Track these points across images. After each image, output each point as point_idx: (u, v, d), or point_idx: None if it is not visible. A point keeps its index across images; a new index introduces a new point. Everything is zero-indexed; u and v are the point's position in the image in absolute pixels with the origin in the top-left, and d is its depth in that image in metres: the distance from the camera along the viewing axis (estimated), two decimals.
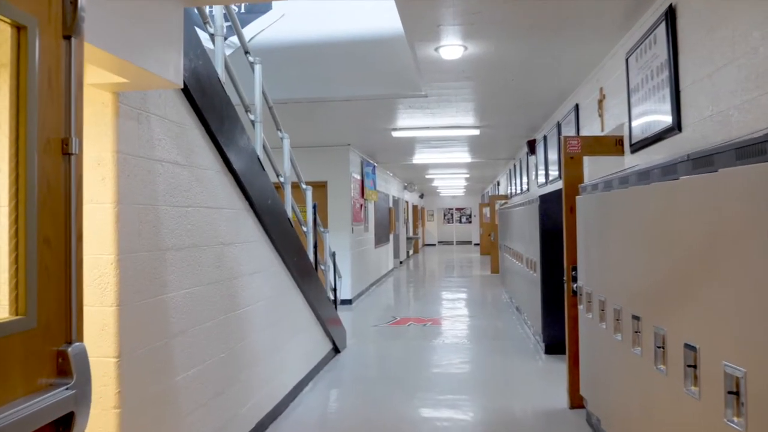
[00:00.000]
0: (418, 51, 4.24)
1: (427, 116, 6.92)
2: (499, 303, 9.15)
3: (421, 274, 14.59)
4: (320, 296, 5.01)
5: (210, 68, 2.95)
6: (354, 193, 9.64)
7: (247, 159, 3.43)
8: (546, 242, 5.52)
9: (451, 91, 5.60)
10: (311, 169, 9.24)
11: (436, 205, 28.22)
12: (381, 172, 13.13)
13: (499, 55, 4.38)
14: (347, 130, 8.00)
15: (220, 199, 3.11)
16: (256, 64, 3.64)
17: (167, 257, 2.56)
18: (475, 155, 11.29)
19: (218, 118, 3.03)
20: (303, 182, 4.80)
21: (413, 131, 7.88)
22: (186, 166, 2.74)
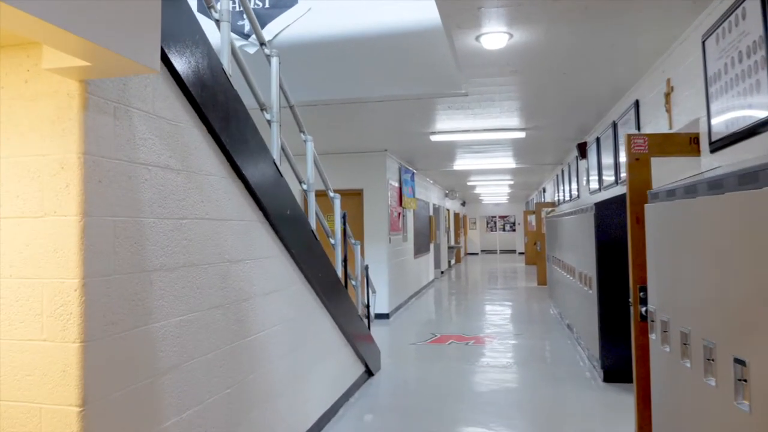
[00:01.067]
0: (457, 41, 3.75)
1: (468, 118, 6.41)
2: (548, 318, 8.50)
3: (463, 285, 13.98)
4: (350, 315, 4.55)
5: (213, 59, 2.54)
6: (391, 201, 9.19)
7: (261, 164, 3.01)
8: (603, 256, 4.91)
9: (494, 88, 5.07)
10: (346, 177, 8.85)
11: (479, 212, 27.48)
12: (420, 179, 12.64)
13: (549, 44, 3.84)
14: (383, 135, 7.56)
15: (226, 209, 2.69)
16: (272, 57, 3.23)
17: (154, 279, 2.14)
18: (519, 160, 10.67)
19: (223, 115, 2.61)
20: (330, 190, 4.37)
21: (453, 135, 7.37)
22: (181, 171, 2.33)
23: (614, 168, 5.91)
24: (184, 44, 2.32)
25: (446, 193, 18.31)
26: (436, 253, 15.61)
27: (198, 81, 2.42)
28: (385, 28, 4.56)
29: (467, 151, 9.28)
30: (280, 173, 3.25)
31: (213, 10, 2.68)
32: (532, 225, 18.10)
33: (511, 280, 14.82)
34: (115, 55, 1.59)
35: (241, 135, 2.78)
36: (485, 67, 4.39)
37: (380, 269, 8.69)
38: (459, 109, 5.94)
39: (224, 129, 2.62)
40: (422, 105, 5.76)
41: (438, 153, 9.39)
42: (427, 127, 7.03)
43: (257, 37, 3.21)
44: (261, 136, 3.02)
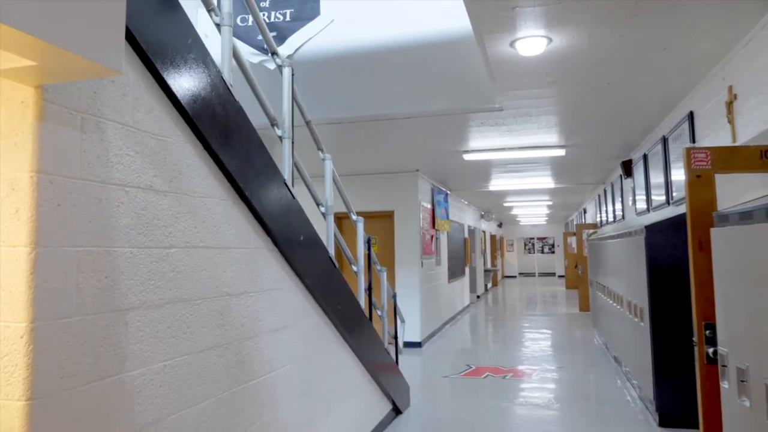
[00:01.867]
0: (490, 48, 3.40)
1: (503, 135, 6.01)
2: (592, 349, 7.91)
3: (500, 310, 13.40)
4: (375, 348, 4.17)
5: (210, 67, 2.26)
6: (424, 224, 8.81)
7: (268, 184, 2.70)
8: (656, 285, 4.41)
9: (531, 102, 4.68)
10: (376, 198, 8.54)
11: (516, 234, 26.77)
12: (454, 200, 12.24)
13: (593, 49, 3.45)
14: (414, 154, 7.22)
15: (225, 235, 2.38)
16: (284, 67, 2.95)
17: (131, 319, 1.83)
18: (559, 180, 10.16)
19: (222, 130, 2.32)
20: (353, 212, 4.04)
21: (488, 153, 6.97)
22: (168, 193, 2.03)
23: (665, 187, 5.41)
24: (174, 49, 2.04)
25: (482, 214, 17.81)
26: (472, 277, 15.08)
27: (191, 91, 2.13)
28: (413, 39, 4.25)
29: (503, 171, 8.86)
30: (292, 195, 2.93)
31: (213, 14, 2.40)
32: (573, 247, 17.40)
33: (551, 305, 14.15)
34: (67, 54, 1.30)
35: (244, 152, 2.48)
36: (521, 78, 4.02)
37: (412, 295, 8.29)
38: (493, 126, 5.56)
39: (223, 145, 2.32)
40: (454, 121, 5.41)
41: (472, 173, 8.99)
42: (460, 146, 6.66)
43: (267, 44, 2.93)
44: (269, 154, 2.71)
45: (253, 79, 2.72)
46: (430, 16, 4.18)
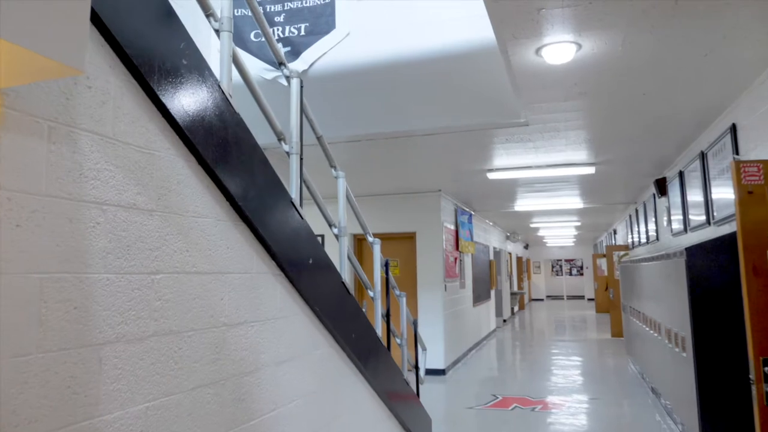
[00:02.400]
0: (514, 56, 3.16)
1: (529, 152, 5.74)
2: (627, 378, 7.46)
3: (527, 335, 12.94)
4: (394, 380, 3.89)
5: (204, 74, 2.06)
6: (447, 246, 8.52)
7: (273, 204, 2.48)
8: (700, 312, 4.05)
9: (559, 116, 4.42)
10: (397, 219, 8.31)
11: (543, 256, 26.19)
12: (479, 221, 11.92)
13: (627, 56, 3.18)
14: (436, 173, 6.98)
15: (223, 259, 2.16)
16: (292, 78, 2.75)
17: (106, 355, 1.61)
18: (588, 200, 9.79)
19: (219, 143, 2.11)
20: (369, 234, 3.80)
21: (513, 172, 6.70)
22: (155, 213, 1.82)
23: (705, 206, 5.05)
24: (164, 54, 1.85)
25: (507, 235, 17.41)
26: (498, 300, 14.66)
27: (183, 100, 1.94)
28: (433, 51, 4.04)
29: (529, 191, 8.55)
30: (300, 215, 2.71)
31: (212, 19, 2.22)
32: (602, 270, 16.85)
33: (581, 330, 13.63)
34: (18, 49, 1.10)
35: (244, 168, 2.27)
36: (548, 89, 3.76)
37: (435, 320, 7.97)
38: (518, 142, 5.29)
39: (221, 160, 2.12)
40: (477, 138, 5.16)
41: (497, 193, 8.70)
42: (484, 164, 6.40)
43: (275, 55, 2.74)
44: (273, 171, 2.50)
45: (256, 90, 2.52)
46: (451, 27, 3.98)
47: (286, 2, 4.48)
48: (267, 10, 4.52)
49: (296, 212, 2.69)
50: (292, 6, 4.46)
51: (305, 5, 4.43)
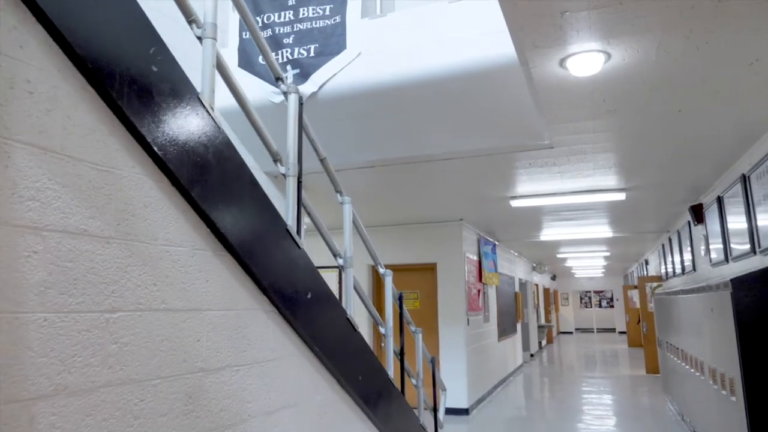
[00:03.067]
0: (535, 68, 2.88)
1: (554, 178, 5.41)
2: (664, 419, 6.91)
3: (556, 371, 12.33)
4: (408, 425, 3.53)
5: (179, 84, 1.82)
6: (470, 277, 8.15)
7: (264, 231, 2.21)
8: (751, 351, 3.62)
9: (586, 137, 4.10)
10: (417, 250, 8.00)
11: (571, 287, 25.42)
12: (503, 251, 11.52)
13: (661, 66, 2.88)
14: (456, 201, 6.68)
15: (200, 294, 1.88)
16: (290, 94, 2.51)
17: (39, 412, 1.33)
18: (617, 228, 9.35)
19: (196, 161, 1.86)
20: (380, 265, 3.50)
21: (537, 199, 6.35)
22: (112, 240, 1.56)
23: (749, 233, 4.64)
24: (128, 58, 1.62)
25: (533, 266, 16.89)
26: (525, 334, 14.09)
27: (152, 112, 1.69)
28: (449, 70, 3.79)
29: (555, 219, 8.17)
30: (297, 243, 2.43)
31: (195, 25, 1.99)
32: (634, 302, 16.17)
33: (613, 365, 12.96)
34: None
35: (229, 190, 2.01)
36: (574, 107, 3.47)
37: (457, 355, 7.55)
38: (543, 167, 4.98)
39: (199, 181, 1.86)
40: (498, 163, 4.86)
41: (521, 221, 8.34)
42: (506, 191, 6.08)
43: (270, 68, 2.51)
44: (264, 194, 2.23)
45: (247, 105, 2.28)
46: (468, 43, 3.73)
47: (295, 23, 4.31)
48: (276, 32, 4.35)
49: (293, 241, 2.41)
50: (301, 27, 4.28)
51: (315, 26, 4.24)
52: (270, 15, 4.41)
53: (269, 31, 4.37)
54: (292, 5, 4.36)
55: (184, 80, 1.85)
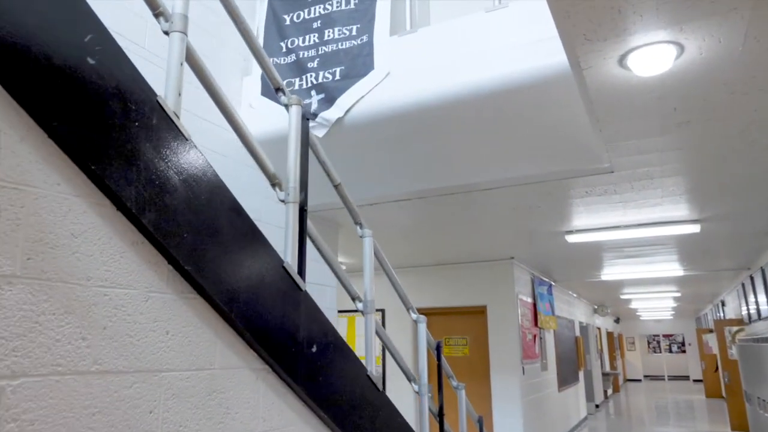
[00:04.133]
0: (589, 69, 2.40)
1: (615, 208, 4.80)
2: None
3: (625, 424, 11.20)
4: None
5: (128, 82, 1.45)
6: (524, 321, 7.47)
7: (252, 270, 1.78)
8: None
9: (653, 156, 3.53)
10: (464, 292, 7.42)
11: (637, 330, 23.79)
12: (560, 292, 10.71)
13: (750, 61, 2.33)
14: (505, 237, 6.11)
15: (156, 350, 1.45)
16: (291, 106, 2.12)
17: None
18: (689, 266, 8.46)
19: (152, 180, 1.46)
20: (412, 309, 3.00)
21: (596, 233, 5.72)
22: (16, 280, 1.17)
23: None
24: (48, 44, 1.25)
25: (595, 308, 15.81)
26: (588, 383, 13.01)
27: (87, 116, 1.32)
28: (489, 86, 3.35)
29: (617, 256, 7.43)
30: (297, 285, 1.99)
31: (162, 18, 1.64)
32: (710, 347, 14.77)
33: (689, 419, 11.69)
34: None
35: (198, 217, 1.60)
36: (637, 119, 2.94)
37: (512, 409, 6.83)
38: (602, 195, 4.40)
39: (154, 204, 1.46)
40: (550, 192, 4.33)
41: (579, 259, 7.64)
42: (561, 224, 5.49)
43: (269, 79, 2.13)
44: (252, 224, 1.81)
45: (236, 118, 1.89)
46: (511, 55, 3.28)
47: (320, 46, 4.00)
48: (301, 56, 4.05)
49: (292, 282, 1.97)
50: (326, 50, 3.96)
51: (341, 47, 3.92)
52: (294, 39, 4.13)
53: (293, 56, 4.08)
54: (317, 27, 4.07)
55: (136, 79, 1.47)
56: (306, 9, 4.18)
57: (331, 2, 4.09)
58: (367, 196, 4.30)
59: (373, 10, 3.93)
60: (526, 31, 3.31)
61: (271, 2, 4.34)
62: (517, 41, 3.32)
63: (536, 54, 3.23)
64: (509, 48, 3.32)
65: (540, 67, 3.20)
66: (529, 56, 3.25)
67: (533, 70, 3.22)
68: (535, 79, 3.22)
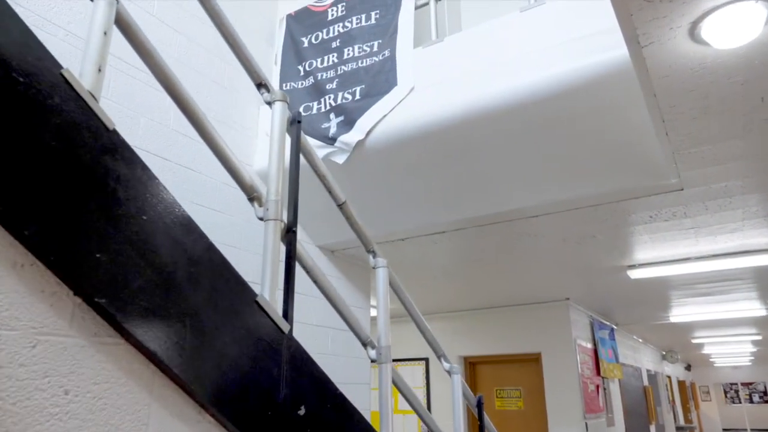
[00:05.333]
0: (650, 47, 1.90)
1: (686, 236, 4.16)
2: None
3: None
4: None
5: (13, 45, 1.07)
6: (584, 369, 6.69)
7: (208, 304, 1.34)
8: None
9: (733, 167, 2.94)
10: (516, 338, 6.75)
11: (711, 378, 21.84)
12: (624, 337, 9.78)
13: None
14: (558, 274, 5.49)
15: (43, 414, 1.01)
16: (274, 103, 1.72)
17: None
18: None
19: (37, 178, 1.06)
20: (444, 357, 2.48)
21: (663, 267, 5.03)
22: None
23: None
24: None
25: (663, 354, 14.53)
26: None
27: None
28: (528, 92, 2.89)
29: (688, 294, 6.62)
30: (277, 326, 1.52)
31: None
32: None
33: None
34: None
35: (121, 232, 1.18)
36: (713, 116, 2.39)
37: None
38: (669, 220, 3.78)
39: (46, 211, 1.05)
40: (606, 218, 3.75)
41: (643, 298, 6.86)
42: (622, 258, 4.85)
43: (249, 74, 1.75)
44: (210, 243, 1.38)
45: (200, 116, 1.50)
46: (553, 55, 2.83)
47: (339, 66, 3.66)
48: (319, 78, 3.72)
49: (270, 321, 1.51)
50: (345, 69, 3.62)
51: (361, 65, 3.56)
52: (312, 61, 3.81)
53: (311, 78, 3.75)
54: (336, 47, 3.74)
55: (30, 46, 1.09)
56: (324, 29, 3.88)
57: (350, 19, 3.78)
58: (396, 230, 3.84)
59: (395, 23, 3.58)
60: (567, 29, 2.86)
61: (289, 26, 4.08)
62: (559, 40, 2.86)
63: (582, 52, 2.76)
64: (550, 48, 2.86)
65: (588, 65, 2.73)
66: (573, 55, 2.78)
67: (580, 69, 2.74)
68: (583, 79, 2.74)
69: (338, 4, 3.88)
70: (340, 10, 3.85)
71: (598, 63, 2.69)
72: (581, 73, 2.73)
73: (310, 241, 4.16)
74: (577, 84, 2.75)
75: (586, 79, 2.72)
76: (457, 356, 7.02)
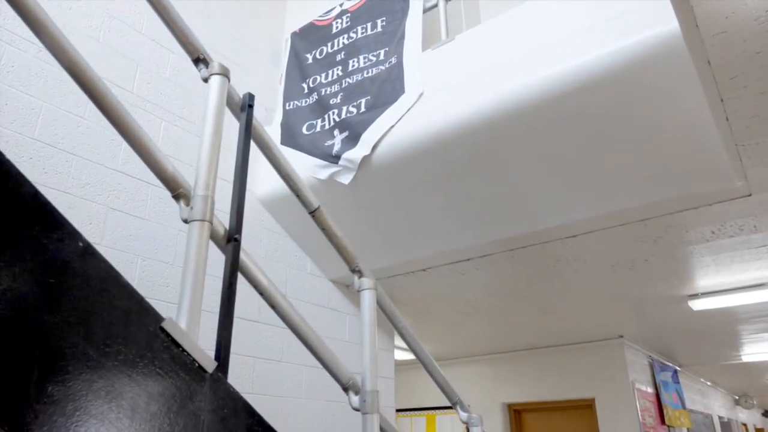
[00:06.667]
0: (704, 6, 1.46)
1: (758, 256, 3.55)
2: None
3: None
4: None
5: None
6: (646, 417, 5.93)
7: (71, 331, 0.95)
8: None
9: None
10: (564, 382, 6.08)
11: None
12: (689, 379, 8.83)
13: None
14: (608, 308, 4.88)
15: None
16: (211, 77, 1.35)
17: None
18: None
19: None
20: (460, 404, 1.99)
21: (730, 296, 4.36)
22: None
23: None
24: None
25: (736, 399, 13.19)
26: None
27: None
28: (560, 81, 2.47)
29: (762, 328, 5.83)
30: (199, 366, 1.11)
31: None
32: None
33: None
34: None
35: None
36: None
37: None
38: (735, 236, 3.21)
39: None
40: (659, 236, 3.22)
41: (710, 334, 6.09)
42: (681, 286, 4.23)
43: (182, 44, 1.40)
44: (87, 245, 1.00)
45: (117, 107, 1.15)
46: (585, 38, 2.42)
47: (344, 79, 3.34)
48: (323, 93, 3.40)
49: (184, 355, 1.09)
50: (350, 81, 3.29)
51: (366, 76, 3.23)
52: (316, 77, 3.51)
53: (315, 95, 3.44)
54: (341, 59, 3.44)
55: None
56: (329, 42, 3.59)
57: (356, 29, 3.48)
58: (413, 258, 3.40)
59: (403, 28, 3.25)
60: (596, 9, 2.44)
61: (294, 44, 3.82)
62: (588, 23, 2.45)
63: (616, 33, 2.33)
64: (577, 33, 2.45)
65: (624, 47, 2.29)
66: (605, 38, 2.36)
67: (614, 53, 2.31)
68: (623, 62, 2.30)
69: (343, 16, 3.60)
70: (345, 21, 3.57)
71: (640, 41, 2.24)
72: (622, 55, 2.29)
73: (323, 274, 3.76)
74: (616, 68, 2.30)
75: (628, 61, 2.28)
76: (501, 403, 6.37)
